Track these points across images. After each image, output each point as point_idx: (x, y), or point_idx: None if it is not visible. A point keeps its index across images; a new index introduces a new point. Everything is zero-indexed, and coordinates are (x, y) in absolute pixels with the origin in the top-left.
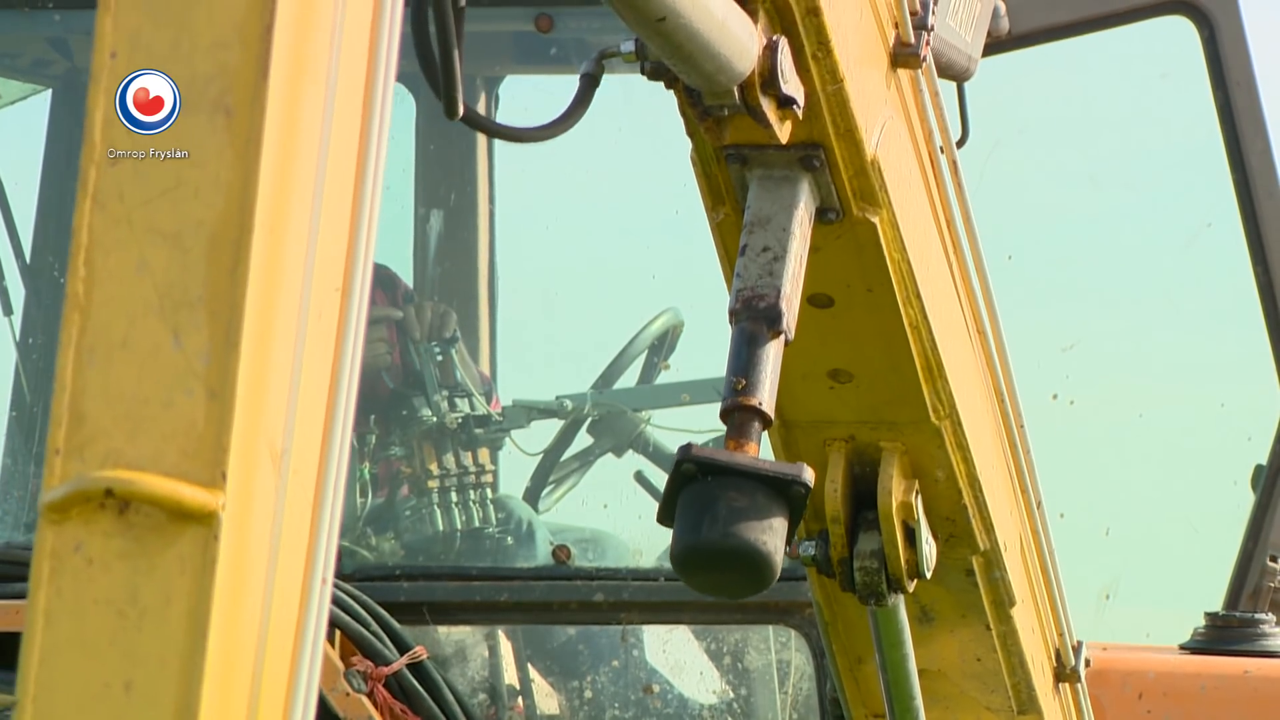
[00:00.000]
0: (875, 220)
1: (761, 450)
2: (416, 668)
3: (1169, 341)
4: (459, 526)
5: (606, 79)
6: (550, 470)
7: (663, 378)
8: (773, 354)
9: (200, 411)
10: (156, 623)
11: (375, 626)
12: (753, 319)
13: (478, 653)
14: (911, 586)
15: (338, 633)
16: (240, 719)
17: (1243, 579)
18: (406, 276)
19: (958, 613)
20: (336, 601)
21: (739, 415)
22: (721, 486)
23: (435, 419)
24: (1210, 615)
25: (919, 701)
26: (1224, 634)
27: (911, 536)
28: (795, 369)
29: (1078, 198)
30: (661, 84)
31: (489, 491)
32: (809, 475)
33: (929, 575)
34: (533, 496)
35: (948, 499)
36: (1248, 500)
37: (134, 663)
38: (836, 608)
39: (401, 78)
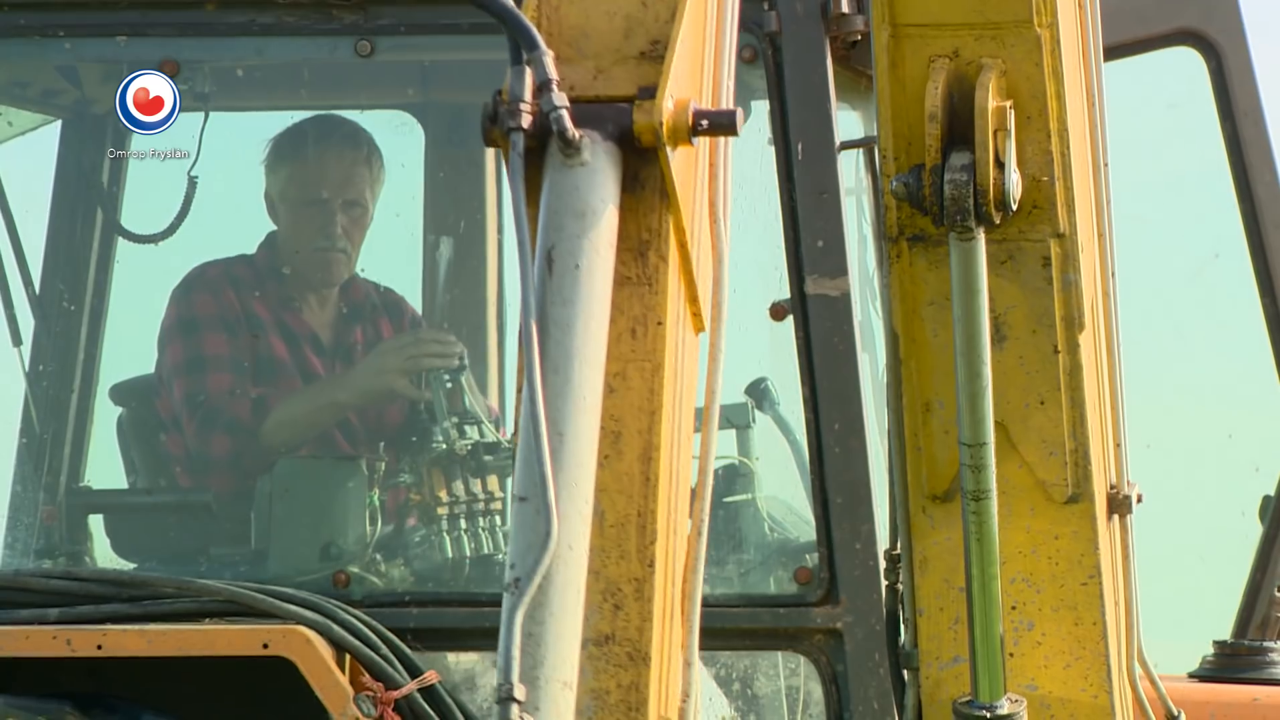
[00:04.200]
0: None
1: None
2: (427, 692)
3: (1176, 372)
4: (468, 553)
5: None
6: None
7: None
8: None
9: None
10: None
11: (385, 650)
12: None
13: (487, 679)
14: (997, 219)
15: (347, 657)
16: None
17: (1251, 609)
18: (415, 303)
19: (1029, 326)
20: (345, 626)
21: None
22: None
23: (444, 446)
24: (1219, 644)
25: (988, 369)
26: (1233, 662)
27: (1001, 167)
28: None
29: None
30: None
31: (498, 519)
32: None
33: (1014, 207)
34: None
35: (1038, 147)
36: (1256, 531)
37: None
38: (915, 329)
39: (409, 108)
